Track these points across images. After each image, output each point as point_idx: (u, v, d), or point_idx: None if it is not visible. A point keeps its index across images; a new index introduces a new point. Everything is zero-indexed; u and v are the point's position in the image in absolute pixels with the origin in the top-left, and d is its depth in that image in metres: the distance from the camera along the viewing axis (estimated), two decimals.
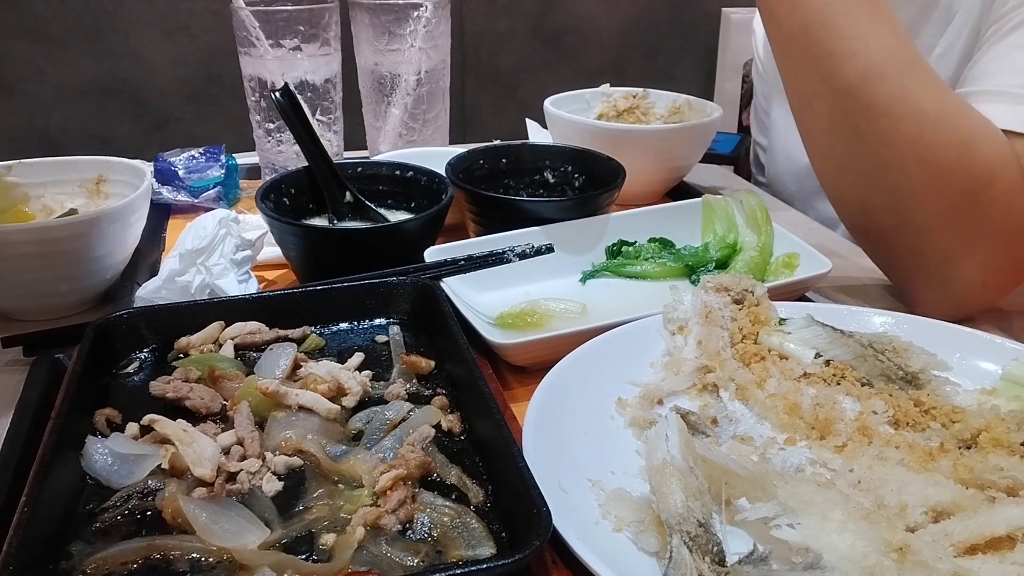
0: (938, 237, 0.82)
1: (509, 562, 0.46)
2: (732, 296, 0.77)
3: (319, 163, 0.94)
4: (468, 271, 0.83)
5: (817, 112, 0.84)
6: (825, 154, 0.87)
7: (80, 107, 2.31)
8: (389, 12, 1.15)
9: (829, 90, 0.81)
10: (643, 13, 2.65)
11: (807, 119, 0.87)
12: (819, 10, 0.80)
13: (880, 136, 0.79)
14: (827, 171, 0.88)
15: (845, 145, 0.83)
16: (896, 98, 0.77)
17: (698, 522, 0.50)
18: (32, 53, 2.23)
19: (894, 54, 0.79)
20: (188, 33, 2.32)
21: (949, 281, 0.83)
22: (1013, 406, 0.64)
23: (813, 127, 0.86)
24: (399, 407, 0.63)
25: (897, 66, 0.78)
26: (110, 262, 0.86)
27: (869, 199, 0.84)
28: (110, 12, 2.23)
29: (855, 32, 0.79)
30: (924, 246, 0.83)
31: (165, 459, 0.56)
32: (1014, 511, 0.51)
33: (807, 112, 0.86)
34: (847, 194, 0.88)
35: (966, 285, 0.83)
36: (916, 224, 0.82)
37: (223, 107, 2.37)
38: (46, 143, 2.31)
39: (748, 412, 0.67)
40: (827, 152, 0.86)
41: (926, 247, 0.83)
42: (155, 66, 2.33)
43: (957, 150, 0.77)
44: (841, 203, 0.89)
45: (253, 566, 0.48)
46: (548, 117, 1.22)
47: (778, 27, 0.85)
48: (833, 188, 0.89)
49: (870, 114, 0.78)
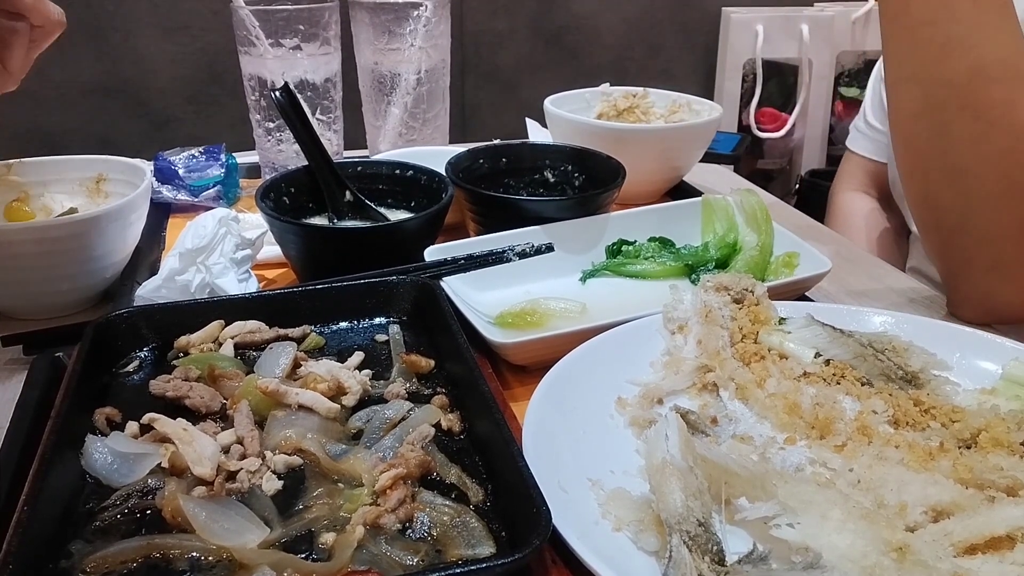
0: (996, 247, 0.80)
1: (509, 561, 0.46)
2: (732, 295, 0.77)
3: (319, 162, 0.94)
4: (468, 270, 0.83)
5: (911, 95, 0.79)
6: (907, 138, 0.83)
7: (80, 107, 2.31)
8: (389, 11, 1.15)
9: (931, 77, 0.76)
10: (643, 13, 2.65)
11: (898, 98, 0.82)
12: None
13: (970, 139, 0.75)
14: (904, 154, 0.85)
15: (930, 137, 0.79)
16: (999, 105, 0.74)
17: (698, 521, 0.50)
18: None
19: (1009, 58, 0.74)
20: (188, 33, 2.31)
21: (994, 290, 0.82)
22: (1013, 406, 0.64)
23: (902, 108, 0.82)
24: (399, 406, 0.63)
25: (1009, 71, 0.74)
26: (110, 261, 0.86)
27: (938, 195, 0.81)
28: (110, 12, 2.23)
29: (977, 22, 0.73)
30: (978, 254, 0.81)
31: (165, 458, 0.56)
32: (1014, 511, 0.51)
33: (900, 91, 0.81)
34: (917, 182, 0.84)
35: (1006, 299, 0.81)
36: (978, 232, 0.80)
37: (223, 106, 2.37)
38: (47, 143, 2.31)
39: (748, 411, 0.67)
40: (909, 137, 0.82)
41: (980, 255, 0.81)
42: (155, 66, 2.32)
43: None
44: (910, 187, 0.87)
45: (253, 565, 0.48)
46: (548, 116, 1.22)
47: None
48: (906, 171, 0.86)
49: (967, 114, 0.75)
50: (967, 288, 0.85)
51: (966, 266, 0.84)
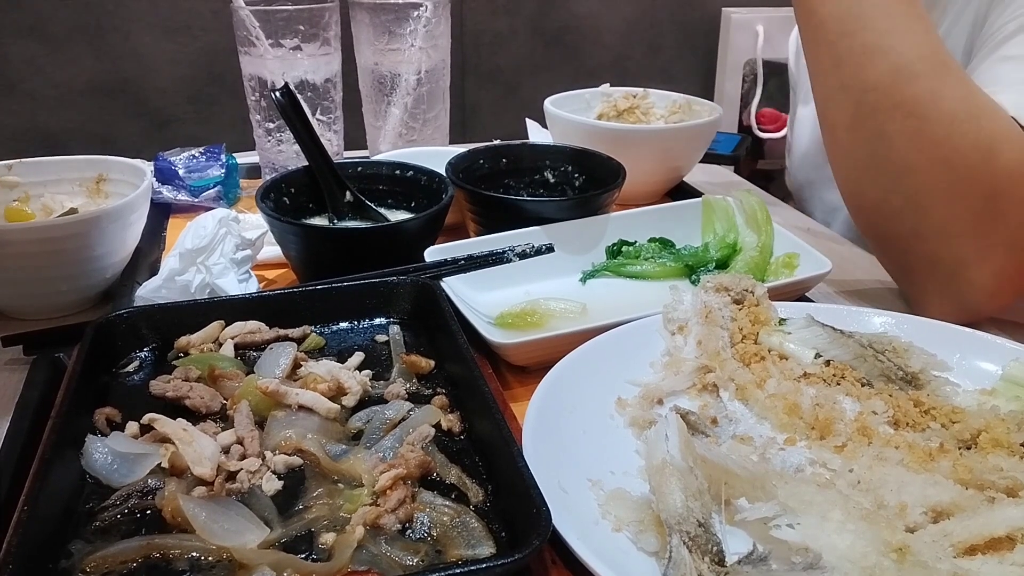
0: (956, 243, 0.80)
1: (508, 561, 0.46)
2: (732, 296, 0.77)
3: (319, 162, 0.94)
4: (468, 271, 0.83)
5: (841, 107, 0.82)
6: (846, 151, 0.85)
7: (81, 107, 2.31)
8: (389, 12, 1.15)
9: (857, 85, 0.79)
10: (643, 13, 2.65)
11: (830, 113, 0.84)
12: (854, 1, 0.78)
13: (905, 137, 0.77)
14: (846, 169, 0.86)
15: (868, 144, 0.81)
16: (925, 99, 0.76)
17: (698, 522, 0.50)
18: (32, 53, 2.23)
19: (926, 54, 0.77)
20: (188, 33, 2.31)
21: (962, 287, 0.82)
22: (1013, 406, 0.64)
23: (836, 123, 0.84)
24: (399, 406, 0.63)
25: (929, 66, 0.76)
26: (110, 261, 0.86)
27: (888, 201, 0.83)
28: (110, 12, 2.23)
29: (890, 27, 0.77)
30: (940, 252, 0.82)
31: (165, 458, 0.56)
32: (1014, 511, 0.51)
33: (831, 106, 0.84)
34: (865, 195, 0.86)
35: (978, 291, 0.81)
36: (935, 229, 0.80)
37: (223, 106, 2.37)
38: (47, 143, 2.31)
39: (748, 412, 0.67)
40: (848, 150, 0.84)
41: (942, 253, 0.81)
42: (155, 66, 2.32)
43: (982, 153, 0.76)
44: (857, 204, 0.88)
45: (252, 565, 0.48)
46: (548, 117, 1.22)
47: (810, 15, 0.82)
48: (850, 187, 0.87)
49: (897, 113, 0.77)
50: (933, 295, 0.85)
51: (930, 270, 0.84)
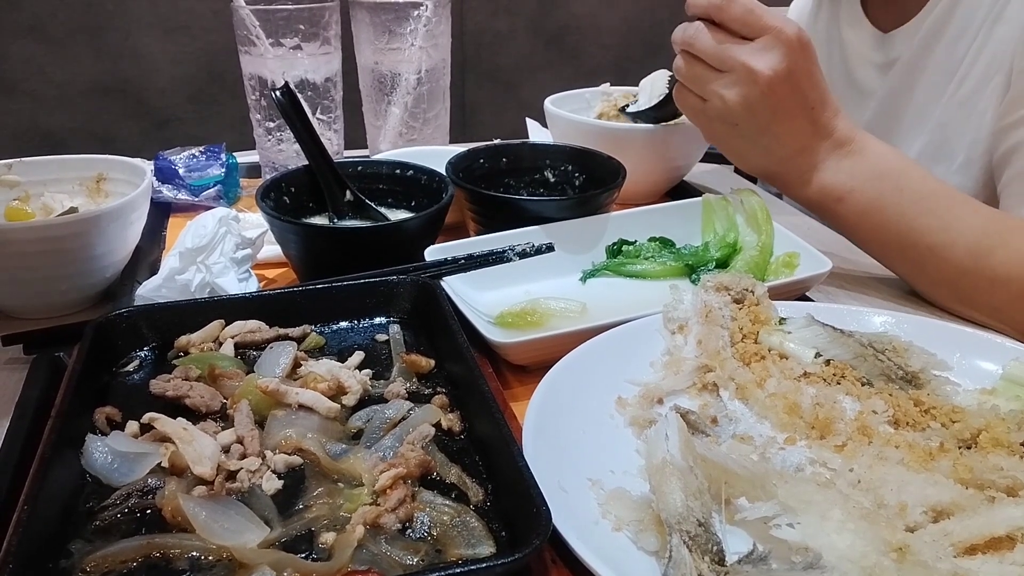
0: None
1: (508, 561, 0.46)
2: (732, 295, 0.77)
3: (319, 162, 0.94)
4: (468, 270, 0.83)
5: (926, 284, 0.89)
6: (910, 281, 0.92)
7: (81, 106, 2.31)
8: (389, 11, 1.15)
9: (938, 273, 0.86)
10: (643, 13, 2.65)
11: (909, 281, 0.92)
12: (897, 219, 0.85)
13: (1003, 301, 0.82)
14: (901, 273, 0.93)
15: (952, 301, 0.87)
16: (1015, 263, 0.81)
17: (698, 521, 0.50)
18: (33, 53, 2.23)
19: (986, 226, 0.84)
20: (188, 32, 2.32)
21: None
22: (1013, 406, 0.64)
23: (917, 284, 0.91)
24: (399, 406, 0.63)
25: (996, 236, 0.83)
26: (110, 260, 0.86)
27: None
28: (110, 12, 2.23)
29: (944, 224, 0.84)
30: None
31: (165, 457, 0.56)
32: (1014, 511, 0.51)
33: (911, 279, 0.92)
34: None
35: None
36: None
37: (223, 106, 2.37)
38: (47, 142, 2.31)
39: (748, 411, 0.67)
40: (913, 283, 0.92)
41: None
42: (156, 65, 2.33)
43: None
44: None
45: (253, 565, 0.48)
46: (548, 116, 1.22)
47: (853, 231, 0.91)
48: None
49: (995, 287, 0.82)
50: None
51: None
